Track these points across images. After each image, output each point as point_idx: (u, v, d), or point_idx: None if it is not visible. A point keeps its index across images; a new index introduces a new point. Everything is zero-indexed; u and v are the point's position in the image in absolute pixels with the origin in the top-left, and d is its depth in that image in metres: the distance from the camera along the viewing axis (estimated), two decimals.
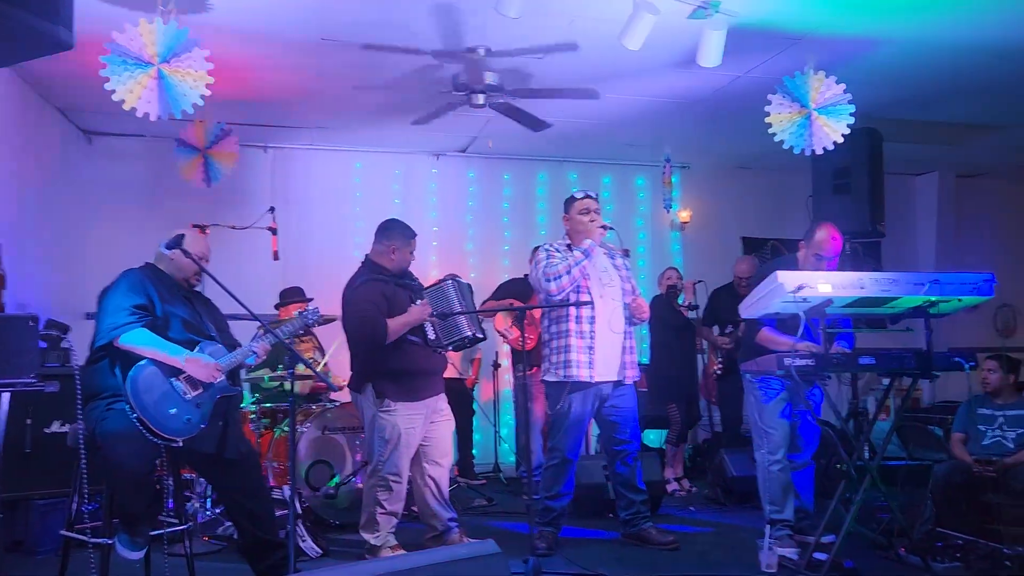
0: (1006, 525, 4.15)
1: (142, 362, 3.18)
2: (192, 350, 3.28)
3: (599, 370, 4.16)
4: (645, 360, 6.77)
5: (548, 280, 4.12)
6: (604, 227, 4.22)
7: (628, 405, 4.32)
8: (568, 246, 4.30)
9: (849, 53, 4.93)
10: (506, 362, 6.98)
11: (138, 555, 3.28)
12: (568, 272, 4.11)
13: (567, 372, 4.16)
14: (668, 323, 6.11)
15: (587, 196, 4.32)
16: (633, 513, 4.34)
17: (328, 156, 7.12)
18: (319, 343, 5.67)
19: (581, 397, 4.18)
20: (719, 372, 6.22)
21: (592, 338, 4.16)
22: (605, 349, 4.18)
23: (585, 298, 4.16)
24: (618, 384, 4.27)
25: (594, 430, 5.34)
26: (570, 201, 4.36)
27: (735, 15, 4.29)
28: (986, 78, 5.45)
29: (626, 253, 5.72)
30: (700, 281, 6.31)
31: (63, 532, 3.49)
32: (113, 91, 3.66)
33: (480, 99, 4.92)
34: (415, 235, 4.17)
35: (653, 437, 7.16)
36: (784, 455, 4.12)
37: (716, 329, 6.26)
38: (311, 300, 5.61)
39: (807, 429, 4.21)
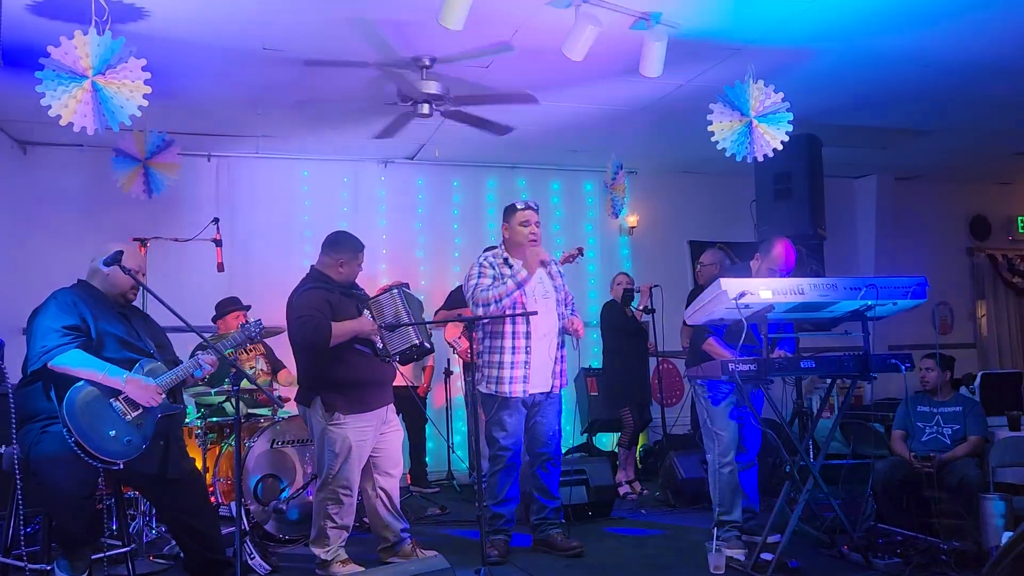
0: (943, 519, 4.29)
1: (79, 383, 3.09)
2: (130, 368, 3.21)
3: (533, 383, 4.21)
4: (596, 364, 6.84)
5: (476, 306, 4.16)
6: (543, 262, 4.21)
7: (553, 412, 4.37)
8: (505, 260, 4.30)
9: (788, 62, 5.05)
10: (458, 368, 6.97)
11: None
12: (498, 301, 4.11)
13: (499, 388, 4.19)
14: (620, 328, 6.17)
15: (528, 207, 4.32)
16: (542, 518, 4.39)
17: (274, 164, 7.03)
18: (267, 350, 5.59)
19: (514, 404, 4.22)
20: None
21: (528, 353, 4.19)
22: (540, 362, 4.22)
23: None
24: (548, 394, 4.31)
25: None
26: (511, 210, 4.35)
27: (676, 26, 4.36)
28: (916, 86, 5.62)
29: (581, 252, 5.78)
30: (656, 285, 6.38)
31: None
32: (49, 107, 3.57)
33: (425, 108, 4.90)
34: (363, 247, 4.15)
35: (605, 441, 7.23)
36: (733, 457, 4.20)
37: None
38: (249, 308, 5.53)
39: (750, 430, 4.30)
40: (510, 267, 4.28)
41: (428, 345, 4.12)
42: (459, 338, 5.91)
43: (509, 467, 4.25)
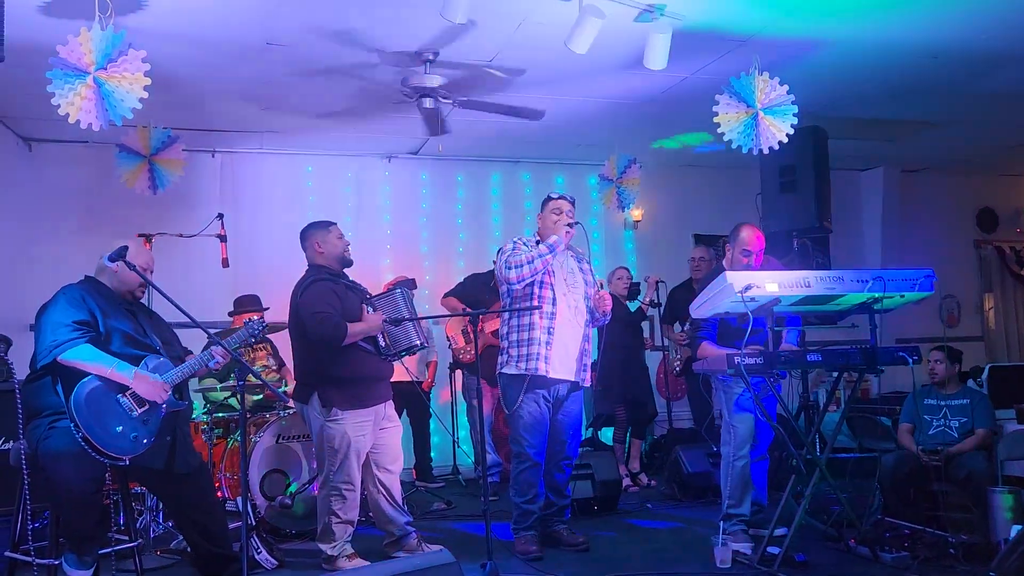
0: (951, 513, 4.28)
1: (86, 379, 3.10)
2: (137, 365, 3.22)
3: (554, 366, 4.18)
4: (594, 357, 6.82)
5: (509, 268, 4.14)
6: (571, 225, 4.22)
7: (575, 412, 4.35)
8: (537, 242, 4.31)
9: (793, 54, 5.02)
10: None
11: (86, 574, 3.21)
12: (530, 262, 4.11)
13: (528, 365, 4.15)
14: (620, 320, 6.14)
15: (562, 197, 4.33)
16: (550, 514, 4.39)
17: (278, 160, 7.03)
18: (274, 348, 5.60)
19: (535, 397, 4.19)
20: (678, 369, 6.29)
21: (550, 334, 4.18)
22: (562, 348, 4.20)
23: (547, 293, 4.18)
24: (573, 387, 4.29)
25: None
26: (545, 201, 4.39)
27: (680, 18, 4.34)
28: (923, 77, 5.58)
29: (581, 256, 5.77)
30: (661, 281, 6.37)
31: (7, 553, 3.41)
32: (58, 106, 3.59)
33: (429, 103, 4.89)
34: (333, 223, 4.20)
35: (611, 435, 7.21)
36: (748, 451, 4.16)
37: (677, 327, 6.33)
38: (267, 309, 5.55)
39: (762, 424, 4.26)
40: None
41: (428, 343, 4.15)
42: (456, 335, 5.91)
43: (536, 465, 4.23)
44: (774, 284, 3.60)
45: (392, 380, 4.21)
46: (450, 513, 5.37)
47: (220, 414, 4.88)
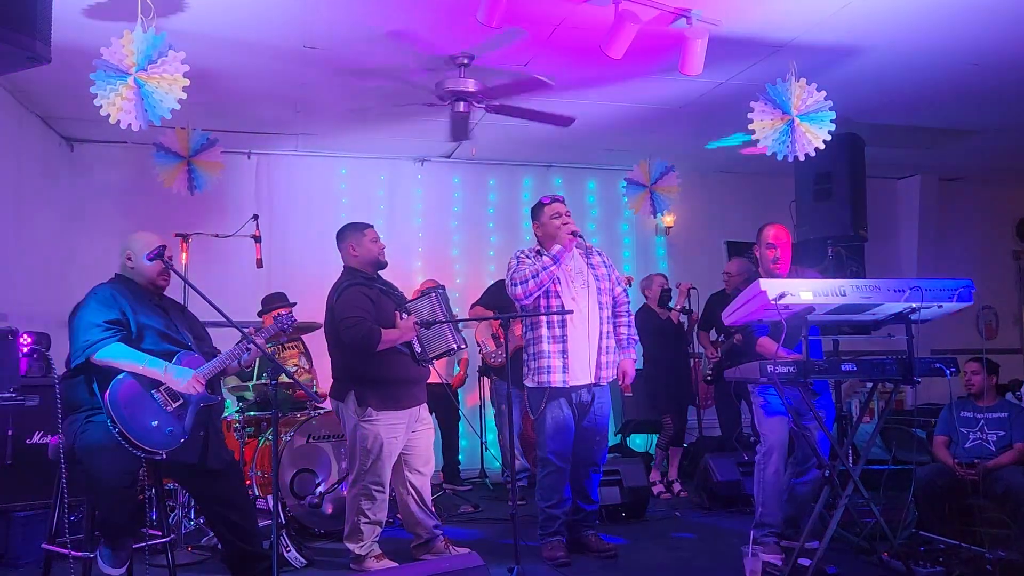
0: (987, 528, 4.18)
1: (120, 375, 3.15)
2: (170, 360, 3.26)
3: (573, 374, 4.15)
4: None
5: (515, 285, 4.13)
6: (573, 233, 4.17)
7: (602, 417, 4.31)
8: (538, 252, 4.28)
9: (830, 60, 4.97)
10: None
11: (120, 570, 3.26)
12: (535, 276, 4.09)
13: (539, 379, 4.17)
14: (658, 331, 6.09)
15: (555, 200, 4.30)
16: (578, 520, 4.36)
17: (312, 162, 7.11)
18: (305, 347, 5.64)
19: (558, 404, 4.18)
20: (709, 377, 6.23)
21: (564, 342, 4.15)
22: (579, 352, 4.17)
23: (556, 302, 4.16)
24: (595, 387, 4.24)
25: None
26: (538, 208, 4.35)
27: (716, 23, 4.31)
28: (964, 84, 5.50)
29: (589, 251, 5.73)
30: (693, 287, 6.32)
31: (44, 546, 3.47)
32: (100, 106, 3.66)
33: (462, 107, 4.91)
34: (368, 225, 4.21)
35: (639, 441, 7.18)
36: (778, 459, 4.09)
37: (713, 334, 6.28)
38: (295, 304, 5.59)
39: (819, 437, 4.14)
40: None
41: (464, 345, 4.16)
42: (487, 339, 5.91)
43: (560, 470, 4.21)
44: (809, 292, 3.55)
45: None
46: (478, 516, 5.38)
47: (252, 412, 4.93)
